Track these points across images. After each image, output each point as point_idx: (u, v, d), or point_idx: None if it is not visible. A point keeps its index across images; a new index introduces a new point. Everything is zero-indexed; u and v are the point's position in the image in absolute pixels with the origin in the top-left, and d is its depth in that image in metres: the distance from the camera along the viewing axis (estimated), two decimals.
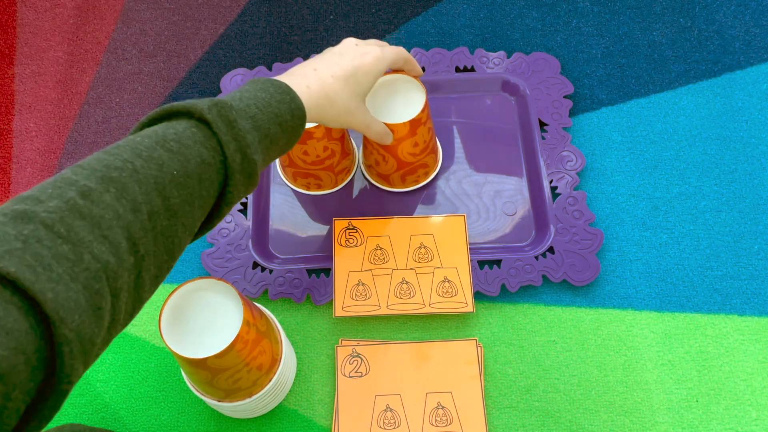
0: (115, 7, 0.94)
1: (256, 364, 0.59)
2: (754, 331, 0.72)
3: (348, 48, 0.62)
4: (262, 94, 0.50)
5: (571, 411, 0.68)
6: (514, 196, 0.79)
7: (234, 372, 0.56)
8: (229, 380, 0.57)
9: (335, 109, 0.58)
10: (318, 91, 0.56)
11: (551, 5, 0.92)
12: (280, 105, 0.51)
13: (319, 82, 0.57)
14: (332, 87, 0.58)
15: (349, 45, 0.62)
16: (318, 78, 0.57)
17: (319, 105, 0.56)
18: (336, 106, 0.58)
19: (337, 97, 0.58)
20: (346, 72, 0.59)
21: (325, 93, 0.57)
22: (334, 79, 0.58)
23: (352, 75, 0.59)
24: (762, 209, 0.78)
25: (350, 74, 0.59)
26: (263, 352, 0.59)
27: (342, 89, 0.58)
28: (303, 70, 0.58)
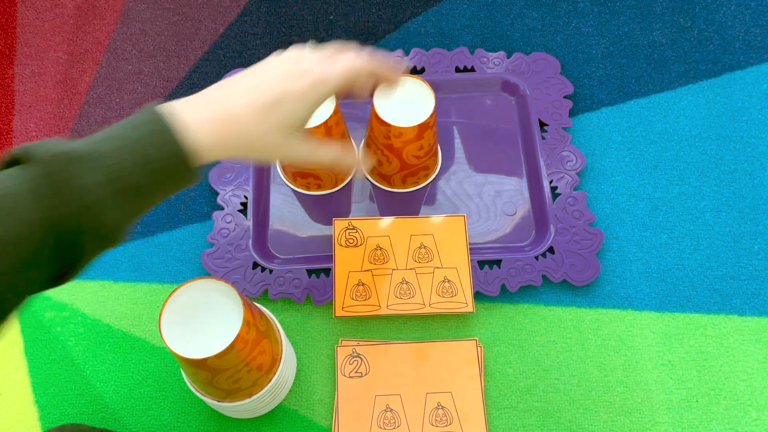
0: (115, 7, 0.94)
1: (256, 364, 0.59)
2: (754, 331, 0.72)
3: (280, 66, 0.49)
4: (133, 132, 0.42)
5: (571, 411, 0.68)
6: (514, 196, 0.79)
7: (234, 372, 0.56)
8: (229, 380, 0.57)
9: (251, 145, 0.47)
10: (222, 125, 0.45)
11: (551, 5, 0.92)
12: (151, 147, 0.42)
13: (226, 113, 0.46)
14: (244, 119, 0.46)
15: (283, 61, 0.50)
16: (225, 107, 0.46)
17: (225, 141, 0.45)
18: (252, 142, 0.47)
19: (253, 131, 0.46)
20: (268, 100, 0.47)
21: (233, 126, 0.45)
22: (248, 108, 0.46)
23: (276, 103, 0.47)
24: (762, 209, 0.78)
25: (273, 102, 0.47)
26: (263, 352, 0.59)
27: (260, 121, 0.46)
28: (214, 93, 0.47)
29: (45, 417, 0.69)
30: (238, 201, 0.77)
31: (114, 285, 0.75)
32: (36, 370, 0.71)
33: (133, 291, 0.75)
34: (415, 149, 0.72)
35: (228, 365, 0.55)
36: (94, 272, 0.76)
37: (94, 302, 0.75)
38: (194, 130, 0.44)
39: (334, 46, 0.52)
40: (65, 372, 0.71)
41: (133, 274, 0.76)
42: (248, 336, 0.55)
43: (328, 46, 0.52)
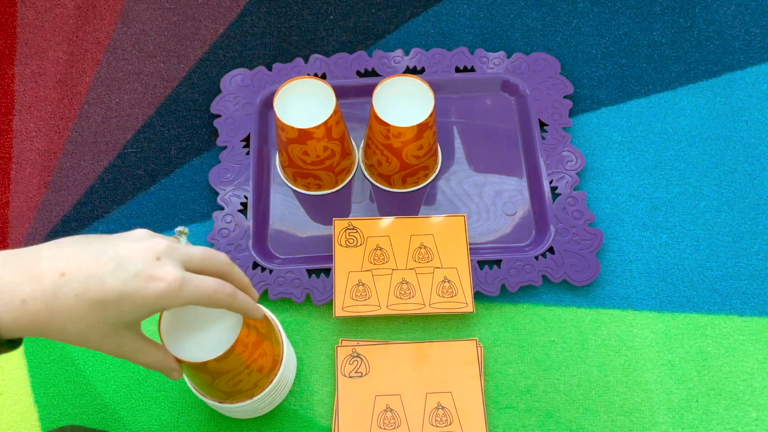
0: (115, 7, 0.94)
1: (257, 366, 0.59)
2: (754, 331, 0.72)
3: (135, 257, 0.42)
4: None
5: (571, 411, 0.68)
6: (514, 196, 0.79)
7: (235, 375, 0.56)
8: (230, 383, 0.57)
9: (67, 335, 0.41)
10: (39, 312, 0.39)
11: (551, 5, 0.93)
12: None
13: (48, 299, 0.40)
14: (68, 309, 0.40)
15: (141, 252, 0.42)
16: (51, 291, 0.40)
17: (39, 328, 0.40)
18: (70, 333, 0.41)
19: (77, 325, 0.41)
20: (107, 296, 0.41)
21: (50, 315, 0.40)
22: (78, 300, 0.40)
23: (114, 302, 0.41)
24: (762, 209, 0.78)
25: (112, 300, 0.41)
26: (264, 355, 0.59)
27: (87, 316, 0.41)
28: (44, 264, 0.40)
29: (45, 417, 0.69)
30: (238, 201, 0.77)
31: None
32: (36, 370, 0.71)
33: None
34: (414, 149, 0.72)
35: (228, 368, 0.55)
36: None
37: None
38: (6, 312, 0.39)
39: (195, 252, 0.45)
40: (65, 372, 0.71)
41: None
42: (249, 339, 0.55)
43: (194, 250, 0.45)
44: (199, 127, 0.85)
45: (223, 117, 0.83)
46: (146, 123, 0.86)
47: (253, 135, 0.81)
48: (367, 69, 0.86)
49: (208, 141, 0.84)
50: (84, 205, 0.81)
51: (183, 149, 0.84)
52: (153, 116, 0.87)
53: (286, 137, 0.71)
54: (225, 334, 0.55)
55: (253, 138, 0.81)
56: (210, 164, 0.82)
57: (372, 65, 0.86)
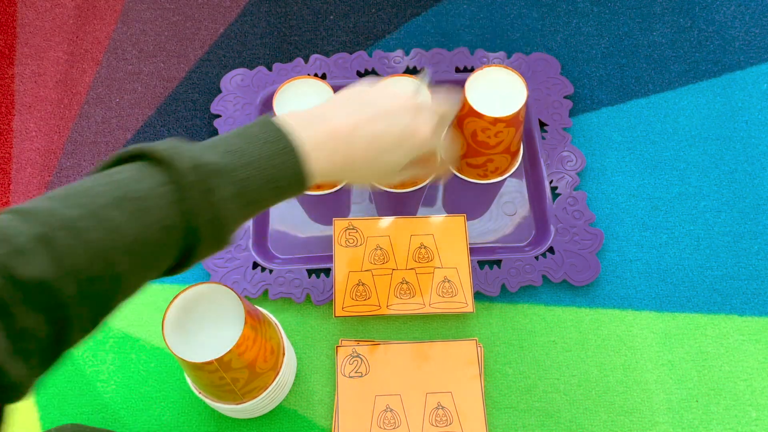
0: (115, 7, 0.94)
1: (258, 366, 0.59)
2: (754, 331, 0.72)
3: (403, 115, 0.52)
4: (262, 149, 0.44)
5: (571, 411, 0.68)
6: (514, 196, 0.79)
7: (236, 375, 0.57)
8: (231, 383, 0.57)
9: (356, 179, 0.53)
10: (339, 162, 0.48)
11: (551, 5, 0.92)
12: (281, 168, 0.45)
13: (344, 154, 0.49)
14: (359, 162, 0.50)
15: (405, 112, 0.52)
16: (345, 147, 0.49)
17: (335, 173, 0.49)
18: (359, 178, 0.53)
19: (363, 172, 0.51)
20: (387, 143, 0.51)
21: (346, 166, 0.49)
22: (366, 153, 0.50)
23: (392, 146, 0.51)
24: (762, 209, 0.78)
25: (391, 145, 0.51)
26: (265, 355, 0.59)
27: (375, 158, 0.50)
28: (336, 123, 0.49)
29: (45, 417, 0.69)
30: None
31: None
32: None
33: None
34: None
35: (230, 368, 0.55)
36: None
37: None
38: (315, 158, 0.47)
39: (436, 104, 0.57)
40: (65, 372, 0.71)
41: None
42: (249, 340, 0.55)
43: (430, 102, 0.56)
44: (199, 127, 0.85)
45: (223, 117, 0.83)
46: (146, 123, 0.86)
47: None
48: (367, 69, 0.86)
49: None
50: None
51: None
52: (153, 116, 0.87)
53: None
54: (227, 335, 0.55)
55: None
56: None
57: (372, 65, 0.86)
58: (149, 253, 0.40)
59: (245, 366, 0.57)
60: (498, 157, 0.76)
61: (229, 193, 0.42)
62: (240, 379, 0.58)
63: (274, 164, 0.45)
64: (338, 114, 0.50)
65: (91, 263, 0.37)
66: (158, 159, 0.41)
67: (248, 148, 0.44)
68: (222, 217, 0.42)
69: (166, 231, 0.40)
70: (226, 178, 0.42)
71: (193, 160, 0.41)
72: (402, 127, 0.51)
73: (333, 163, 0.48)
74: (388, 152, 0.51)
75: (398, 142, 0.51)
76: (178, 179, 0.40)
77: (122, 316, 0.74)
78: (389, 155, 0.51)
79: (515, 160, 0.80)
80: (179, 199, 0.40)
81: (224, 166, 0.42)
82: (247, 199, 0.43)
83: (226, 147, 0.44)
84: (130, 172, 0.41)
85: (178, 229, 0.40)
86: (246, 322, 0.55)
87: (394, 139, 0.51)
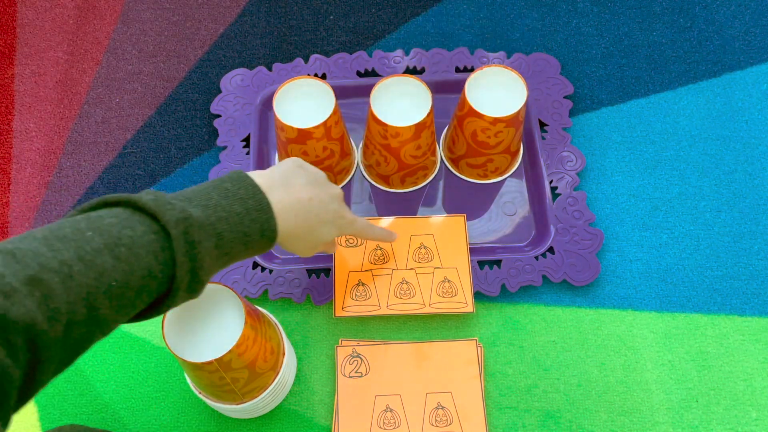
0: (115, 7, 0.94)
1: (258, 366, 0.59)
2: (754, 331, 0.72)
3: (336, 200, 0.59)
4: (238, 206, 0.47)
5: (571, 411, 0.68)
6: (514, 196, 0.79)
7: (236, 375, 0.57)
8: (231, 383, 0.57)
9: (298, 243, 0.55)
10: (297, 226, 0.53)
11: (551, 5, 0.92)
12: (253, 224, 0.48)
13: (305, 216, 0.54)
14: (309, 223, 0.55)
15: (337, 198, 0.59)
16: (307, 211, 0.54)
17: (288, 238, 0.53)
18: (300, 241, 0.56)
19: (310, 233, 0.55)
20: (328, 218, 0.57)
21: (301, 226, 0.53)
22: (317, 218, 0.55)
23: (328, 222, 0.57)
24: (762, 209, 0.78)
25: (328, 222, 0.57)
26: (265, 355, 0.59)
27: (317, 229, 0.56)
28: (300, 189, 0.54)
29: (45, 417, 0.69)
30: None
31: None
32: None
33: None
34: (412, 149, 0.72)
35: (230, 368, 0.55)
36: None
37: None
38: (281, 219, 0.51)
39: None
40: (65, 372, 0.71)
41: None
42: (250, 340, 0.55)
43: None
44: (199, 127, 0.85)
45: (223, 117, 0.83)
46: (146, 123, 0.86)
47: (253, 135, 0.81)
48: (367, 69, 0.86)
49: (208, 141, 0.84)
50: None
51: (183, 149, 0.84)
52: (153, 116, 0.87)
53: (286, 137, 0.71)
54: (227, 335, 0.55)
55: (252, 138, 0.81)
56: (210, 164, 0.82)
57: (372, 65, 0.86)
58: (129, 298, 0.41)
59: (245, 366, 0.57)
60: (498, 157, 0.76)
61: (209, 246, 0.45)
62: (240, 379, 0.58)
63: (249, 220, 0.48)
64: (298, 182, 0.54)
65: (77, 306, 0.37)
66: (145, 210, 0.43)
67: (224, 204, 0.47)
68: (200, 268, 0.44)
69: (148, 278, 0.42)
70: (206, 231, 0.45)
71: (178, 213, 0.43)
72: (336, 207, 0.58)
73: (292, 227, 0.52)
74: (325, 226, 0.57)
75: (332, 220, 0.57)
76: (165, 230, 0.43)
77: None
78: (324, 229, 0.57)
79: (515, 160, 0.80)
80: (164, 249, 0.42)
81: (204, 219, 0.45)
82: (222, 252, 0.46)
83: (204, 201, 0.46)
84: (117, 218, 0.42)
85: (159, 277, 0.42)
86: (246, 322, 0.55)
87: (330, 217, 0.57)
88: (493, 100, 0.71)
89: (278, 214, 0.50)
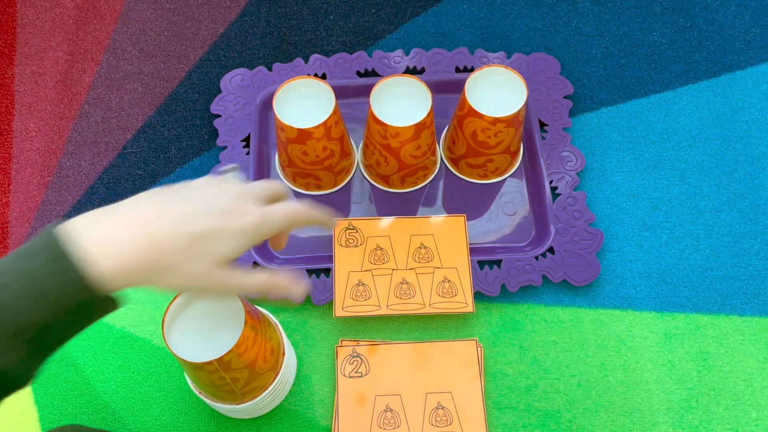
0: (115, 7, 0.94)
1: (258, 366, 0.59)
2: (754, 331, 0.72)
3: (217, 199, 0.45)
4: (26, 263, 0.37)
5: (571, 411, 0.68)
6: (514, 196, 0.79)
7: (236, 375, 0.57)
8: (231, 383, 0.57)
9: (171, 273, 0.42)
10: (141, 251, 0.40)
11: (551, 5, 0.92)
12: (45, 279, 0.37)
13: (147, 239, 0.40)
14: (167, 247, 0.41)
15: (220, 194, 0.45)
16: (148, 233, 0.41)
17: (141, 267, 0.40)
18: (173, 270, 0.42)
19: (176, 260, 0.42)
20: (199, 231, 0.42)
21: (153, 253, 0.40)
22: (176, 236, 0.42)
23: (206, 236, 0.43)
24: (762, 209, 0.78)
25: (204, 234, 0.42)
26: (265, 355, 0.59)
27: (185, 250, 0.42)
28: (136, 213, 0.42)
29: (45, 417, 0.69)
30: None
31: None
32: None
33: (134, 291, 0.75)
34: (412, 149, 0.72)
35: (230, 368, 0.55)
36: None
37: None
38: (101, 254, 0.38)
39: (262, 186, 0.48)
40: (65, 372, 0.71)
41: None
42: (250, 339, 0.55)
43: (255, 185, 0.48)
44: (199, 127, 0.85)
45: (223, 117, 0.83)
46: (146, 123, 0.86)
47: (252, 135, 0.81)
48: (367, 69, 0.86)
49: (208, 141, 0.84)
50: (84, 205, 0.81)
51: (183, 149, 0.84)
52: (153, 116, 0.87)
53: (286, 137, 0.71)
54: (227, 335, 0.55)
55: (252, 138, 0.81)
56: (210, 164, 0.82)
57: (372, 65, 0.86)
58: None
59: (245, 366, 0.57)
60: (498, 157, 0.76)
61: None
62: (240, 379, 0.58)
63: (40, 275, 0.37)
64: (139, 204, 0.43)
65: None
66: None
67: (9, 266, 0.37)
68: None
69: None
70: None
71: None
72: (220, 209, 0.44)
73: (135, 259, 0.40)
74: (212, 239, 0.43)
75: (220, 227, 0.43)
76: None
77: (122, 316, 0.74)
78: (214, 243, 0.43)
79: (515, 160, 0.80)
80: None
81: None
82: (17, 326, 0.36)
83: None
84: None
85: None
86: (246, 322, 0.55)
87: (215, 223, 0.43)
88: (493, 100, 0.71)
89: (97, 251, 0.38)
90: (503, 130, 0.71)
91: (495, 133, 0.71)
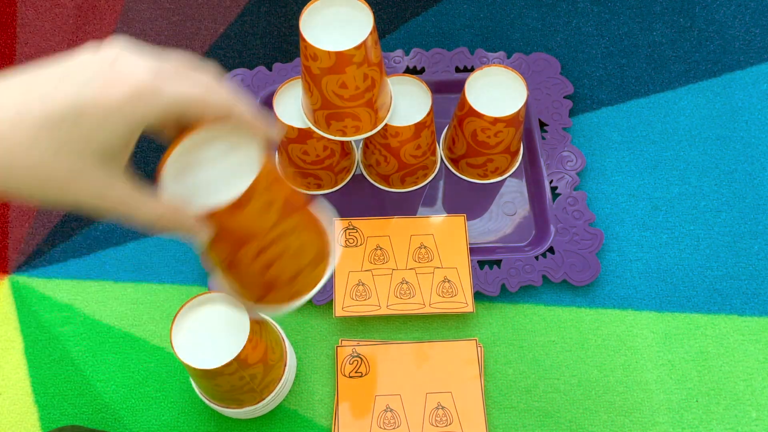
0: (115, 7, 0.94)
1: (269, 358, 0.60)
2: (754, 331, 0.72)
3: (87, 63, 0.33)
4: None
5: (571, 411, 0.68)
6: (514, 196, 0.79)
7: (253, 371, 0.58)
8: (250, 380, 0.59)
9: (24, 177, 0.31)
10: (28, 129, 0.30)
11: (551, 5, 0.92)
12: None
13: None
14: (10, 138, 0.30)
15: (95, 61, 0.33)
16: None
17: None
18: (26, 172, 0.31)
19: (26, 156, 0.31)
20: (57, 110, 0.31)
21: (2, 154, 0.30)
22: (19, 122, 0.31)
23: (69, 117, 0.31)
24: (762, 209, 0.78)
25: (65, 115, 0.31)
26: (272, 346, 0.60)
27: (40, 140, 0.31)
28: None
29: (45, 417, 0.69)
30: None
31: (114, 285, 0.75)
32: (36, 370, 0.71)
33: (134, 291, 0.75)
34: (412, 149, 0.72)
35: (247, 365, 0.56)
36: (94, 272, 0.76)
37: (94, 302, 0.75)
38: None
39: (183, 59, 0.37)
40: (65, 372, 0.71)
41: (133, 274, 0.76)
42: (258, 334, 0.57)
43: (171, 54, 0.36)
44: None
45: None
46: None
47: None
48: None
49: None
50: None
51: None
52: None
53: (286, 137, 0.71)
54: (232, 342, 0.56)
55: None
56: None
57: None
58: None
59: (259, 360, 0.58)
60: (498, 157, 0.76)
61: None
62: (257, 375, 0.59)
63: None
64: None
65: None
66: None
67: None
68: None
69: None
70: None
71: None
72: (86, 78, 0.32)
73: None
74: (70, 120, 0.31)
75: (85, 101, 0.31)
76: None
77: (122, 316, 0.74)
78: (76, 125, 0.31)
79: (515, 160, 0.80)
80: None
81: None
82: None
83: None
84: None
85: None
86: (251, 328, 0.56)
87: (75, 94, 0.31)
88: (493, 100, 0.71)
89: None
90: (503, 130, 0.71)
91: (495, 133, 0.71)
